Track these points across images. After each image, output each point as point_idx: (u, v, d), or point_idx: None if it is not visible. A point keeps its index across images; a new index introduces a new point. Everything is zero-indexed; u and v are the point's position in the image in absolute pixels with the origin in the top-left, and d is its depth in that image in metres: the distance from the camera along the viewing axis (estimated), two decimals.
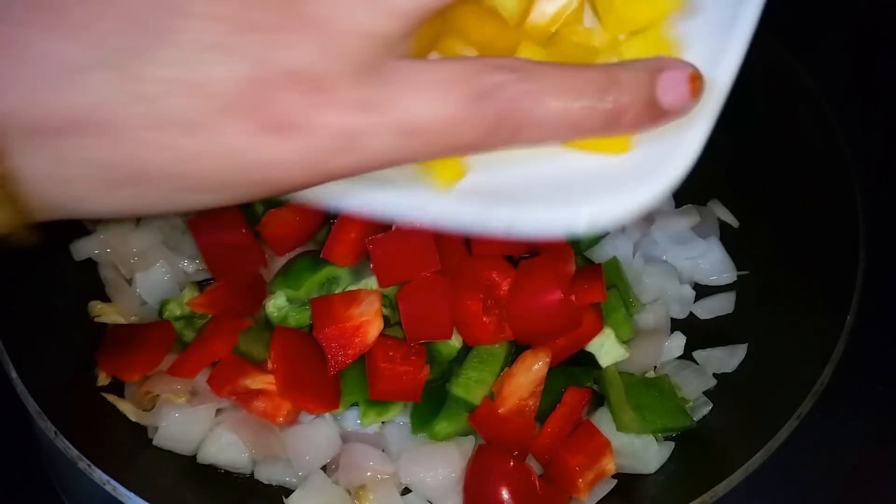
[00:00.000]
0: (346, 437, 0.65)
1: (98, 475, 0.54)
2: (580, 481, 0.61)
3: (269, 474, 0.63)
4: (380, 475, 0.63)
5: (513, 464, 0.62)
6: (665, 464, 0.64)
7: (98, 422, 0.63)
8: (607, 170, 0.36)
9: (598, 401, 0.68)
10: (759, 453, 0.57)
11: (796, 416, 0.58)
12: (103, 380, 0.65)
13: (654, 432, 0.65)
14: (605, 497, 0.63)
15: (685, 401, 0.67)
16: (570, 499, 0.63)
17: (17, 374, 0.57)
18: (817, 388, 0.59)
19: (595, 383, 0.68)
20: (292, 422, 0.65)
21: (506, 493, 0.61)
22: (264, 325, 0.67)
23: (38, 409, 0.56)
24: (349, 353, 0.63)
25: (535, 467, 0.64)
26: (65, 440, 0.55)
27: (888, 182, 0.81)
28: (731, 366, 0.69)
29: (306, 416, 0.65)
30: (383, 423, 0.66)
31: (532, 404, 0.64)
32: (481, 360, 0.66)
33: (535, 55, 0.36)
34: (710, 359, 0.70)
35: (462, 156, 0.33)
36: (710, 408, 0.67)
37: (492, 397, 0.65)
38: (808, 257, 0.69)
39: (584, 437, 0.63)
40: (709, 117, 0.36)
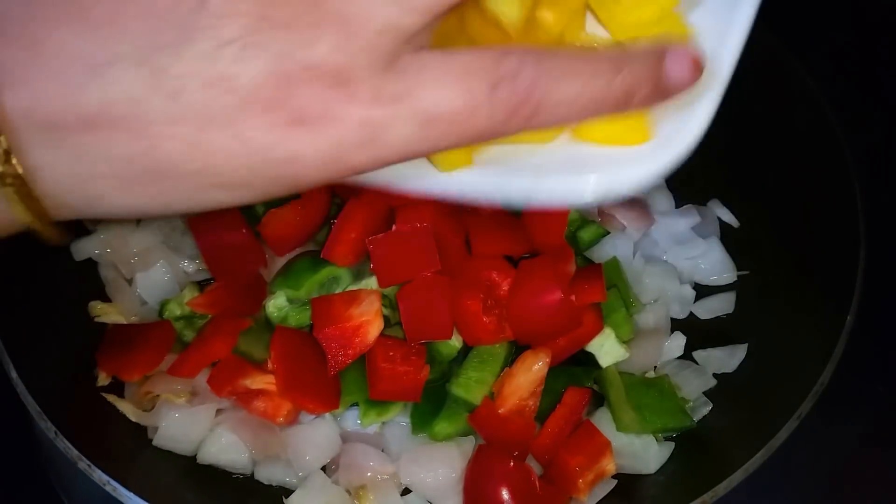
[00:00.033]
0: (346, 438, 0.65)
1: (98, 475, 0.54)
2: (580, 481, 0.61)
3: (269, 474, 0.63)
4: (380, 475, 0.63)
5: (513, 464, 0.62)
6: (665, 464, 0.64)
7: (98, 422, 0.63)
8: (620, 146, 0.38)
9: (598, 401, 0.68)
10: (759, 453, 0.57)
11: (796, 416, 0.58)
12: (103, 380, 0.65)
13: (654, 432, 0.65)
14: (605, 497, 0.63)
15: (685, 401, 0.67)
16: (570, 499, 0.62)
17: (18, 374, 0.57)
18: (817, 388, 0.59)
19: (595, 383, 0.68)
20: (292, 422, 0.65)
21: (506, 494, 0.61)
22: (264, 326, 0.67)
23: (39, 410, 0.55)
24: (349, 353, 0.63)
25: (535, 467, 0.63)
26: (65, 440, 0.55)
27: (888, 182, 0.81)
28: (731, 366, 0.69)
29: (306, 417, 0.65)
30: (383, 423, 0.66)
31: (532, 404, 0.64)
32: (481, 360, 0.66)
33: None
34: (710, 359, 0.70)
35: (482, 143, 0.33)
36: (710, 408, 0.67)
37: (492, 397, 0.65)
38: (808, 257, 0.69)
39: (584, 438, 0.63)
40: (716, 91, 0.38)
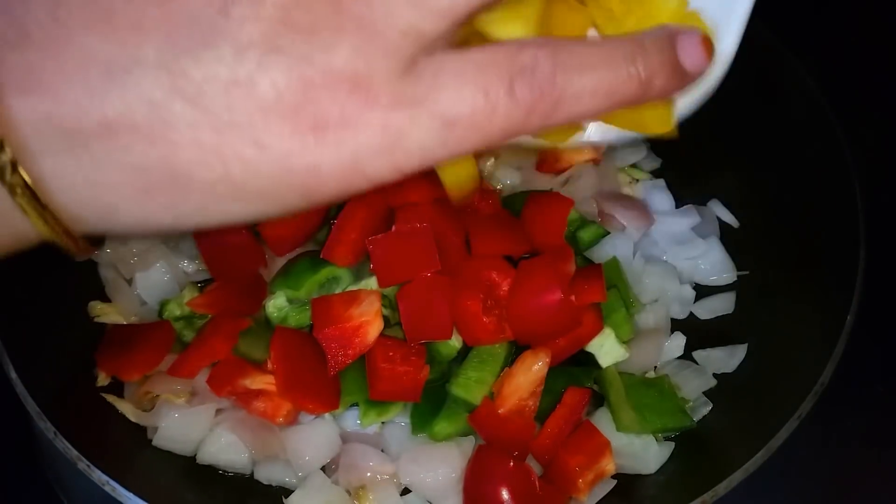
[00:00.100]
0: (345, 438, 0.65)
1: (97, 475, 0.54)
2: (580, 481, 0.61)
3: (268, 474, 0.63)
4: (379, 475, 0.63)
5: (513, 464, 0.62)
6: (665, 464, 0.64)
7: (97, 422, 0.63)
8: None
9: (598, 401, 0.67)
10: (759, 453, 0.57)
11: (796, 416, 0.58)
12: (103, 380, 0.65)
13: (654, 432, 0.65)
14: (604, 497, 0.63)
15: (685, 401, 0.67)
16: (570, 499, 0.62)
17: (17, 374, 0.57)
18: (817, 388, 0.59)
19: (595, 383, 0.68)
20: (292, 422, 0.65)
21: (505, 494, 0.61)
22: (264, 326, 0.67)
23: (38, 410, 0.55)
24: (349, 353, 0.63)
25: (534, 467, 0.63)
26: (64, 440, 0.55)
27: (888, 182, 0.81)
28: (731, 366, 0.69)
29: (306, 417, 0.65)
30: (383, 423, 0.66)
31: (532, 404, 0.64)
32: (481, 360, 0.66)
33: None
34: (710, 359, 0.70)
35: (504, 143, 0.32)
36: (710, 408, 0.67)
37: (492, 397, 0.65)
38: (808, 257, 0.69)
39: (583, 438, 0.63)
40: (741, 11, 0.38)
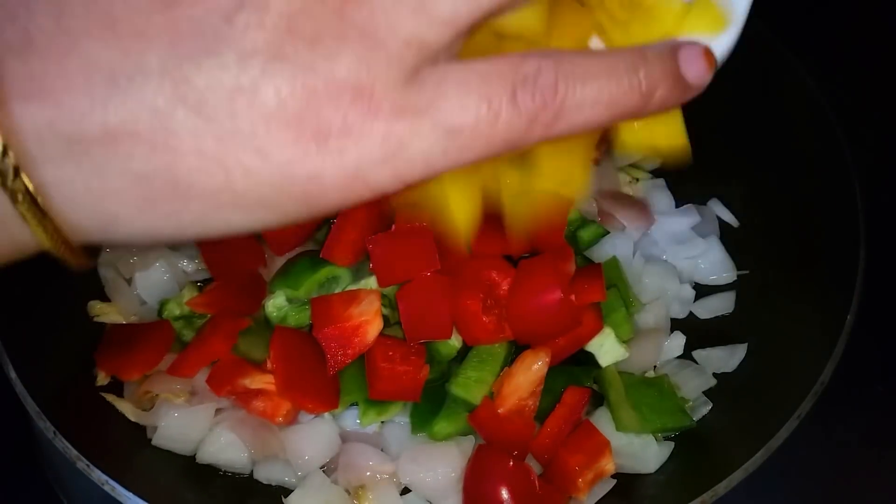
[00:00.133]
0: (345, 437, 0.65)
1: (97, 475, 0.54)
2: (580, 481, 0.61)
3: (268, 474, 0.63)
4: (379, 475, 0.63)
5: (512, 463, 0.62)
6: (665, 463, 0.64)
7: (97, 422, 0.63)
8: None
9: (598, 400, 0.67)
10: (759, 453, 0.57)
11: (796, 416, 0.58)
12: (102, 379, 0.65)
13: (654, 432, 0.65)
14: (604, 497, 0.63)
15: (685, 400, 0.67)
16: (570, 498, 0.62)
17: (17, 373, 0.56)
18: (817, 388, 0.59)
19: (595, 383, 0.68)
20: (291, 421, 0.65)
21: (505, 493, 0.61)
22: (264, 325, 0.67)
23: (37, 409, 0.55)
24: (349, 352, 0.63)
25: (534, 467, 0.63)
26: (64, 440, 0.55)
27: (888, 182, 0.81)
28: (731, 365, 0.69)
29: (305, 416, 0.65)
30: (383, 422, 0.66)
31: (532, 404, 0.64)
32: (481, 359, 0.66)
33: None
34: (709, 358, 0.70)
35: (505, 154, 0.33)
36: (709, 407, 0.67)
37: (491, 397, 0.65)
38: (808, 257, 0.69)
39: (583, 437, 0.63)
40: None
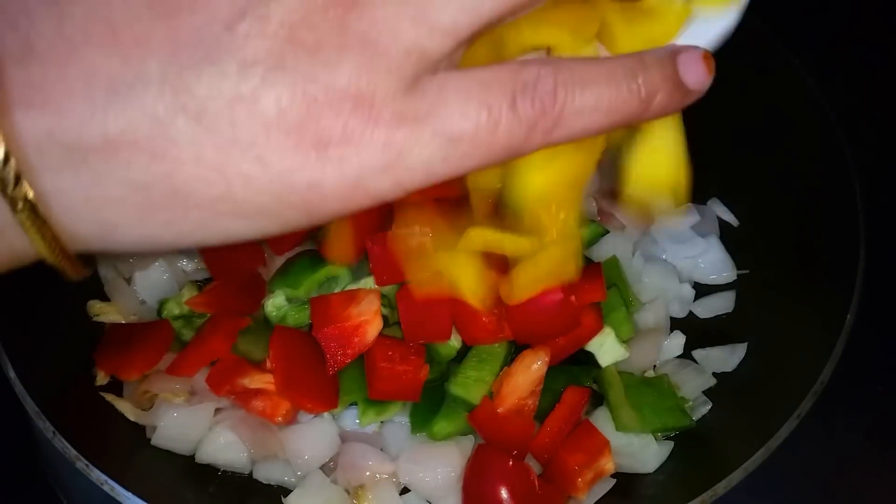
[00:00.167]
0: (344, 437, 0.65)
1: (96, 475, 0.54)
2: (579, 481, 0.61)
3: (267, 474, 0.63)
4: (378, 475, 0.63)
5: (512, 463, 0.62)
6: (664, 463, 0.64)
7: (96, 421, 0.63)
8: None
9: (598, 400, 0.67)
10: (759, 453, 0.57)
11: (796, 415, 0.58)
12: (102, 379, 0.65)
13: (654, 432, 0.65)
14: (604, 496, 0.63)
15: (684, 400, 0.67)
16: (570, 498, 0.62)
17: (16, 373, 0.56)
18: (817, 388, 0.59)
19: (594, 383, 0.68)
20: (291, 421, 0.65)
21: (505, 493, 0.61)
22: (263, 325, 0.67)
23: (37, 409, 0.55)
24: (348, 352, 0.63)
25: (534, 467, 0.63)
26: (63, 440, 0.54)
27: (888, 182, 0.81)
28: (731, 365, 0.69)
29: (305, 416, 0.65)
30: (382, 422, 0.66)
31: (531, 404, 0.64)
32: (480, 359, 0.66)
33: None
34: (709, 358, 0.70)
35: (505, 161, 0.33)
36: (709, 407, 0.67)
37: (491, 397, 0.65)
38: (807, 257, 0.69)
39: (583, 437, 0.63)
40: None
